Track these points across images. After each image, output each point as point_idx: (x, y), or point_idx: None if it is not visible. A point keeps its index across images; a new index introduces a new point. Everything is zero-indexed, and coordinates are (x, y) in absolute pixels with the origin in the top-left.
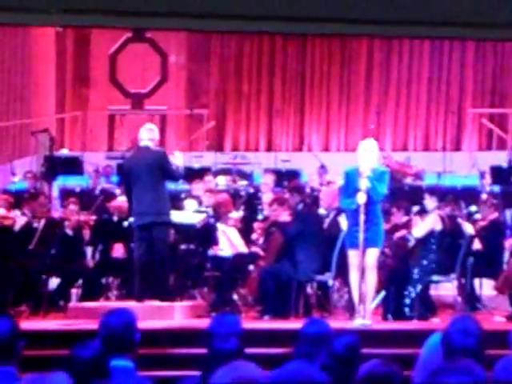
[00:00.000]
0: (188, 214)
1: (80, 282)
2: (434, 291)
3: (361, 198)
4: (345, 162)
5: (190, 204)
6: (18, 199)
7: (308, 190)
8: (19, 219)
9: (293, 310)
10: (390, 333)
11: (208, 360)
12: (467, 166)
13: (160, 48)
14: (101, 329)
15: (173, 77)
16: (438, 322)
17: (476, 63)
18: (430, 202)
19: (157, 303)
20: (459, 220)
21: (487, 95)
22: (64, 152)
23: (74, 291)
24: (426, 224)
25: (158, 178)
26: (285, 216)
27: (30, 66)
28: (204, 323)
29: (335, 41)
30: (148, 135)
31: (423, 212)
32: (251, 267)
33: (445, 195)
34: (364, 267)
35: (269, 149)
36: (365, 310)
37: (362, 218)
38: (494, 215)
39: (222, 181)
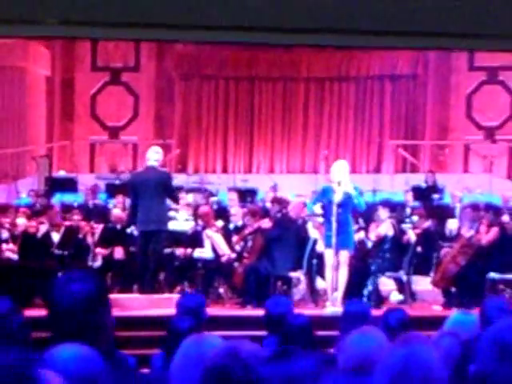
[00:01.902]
0: (180, 223)
1: None
2: None
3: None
4: (286, 182)
5: (180, 215)
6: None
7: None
8: (41, 227)
9: None
10: None
11: (289, 336)
12: (388, 186)
13: (132, 89)
14: (178, 308)
15: (143, 113)
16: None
17: (392, 104)
18: (383, 212)
19: (156, 296)
20: (404, 227)
21: (402, 129)
22: (61, 173)
23: None
24: (381, 229)
25: (162, 194)
26: (266, 223)
27: (25, 104)
28: None
29: (278, 82)
30: (154, 156)
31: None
32: (237, 264)
33: (395, 207)
34: (338, 264)
35: (224, 171)
36: (336, 300)
37: (334, 225)
38: (426, 224)
39: (191, 198)
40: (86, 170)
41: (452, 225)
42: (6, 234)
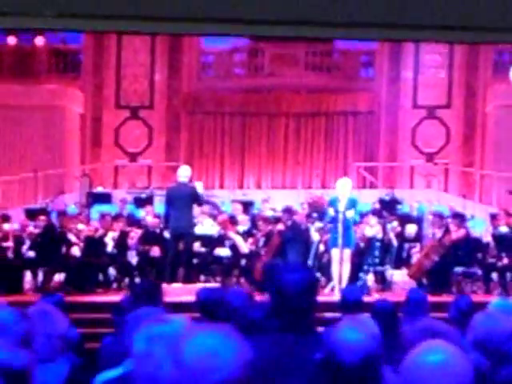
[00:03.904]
0: (207, 228)
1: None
2: None
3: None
4: (272, 195)
5: (206, 221)
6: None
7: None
8: (99, 231)
9: None
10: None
11: (376, 319)
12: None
13: (148, 123)
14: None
15: (156, 141)
16: (378, 297)
17: (354, 134)
18: (372, 218)
19: (179, 285)
20: (388, 231)
21: (362, 154)
22: (99, 189)
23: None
24: (373, 230)
25: (190, 204)
26: (280, 226)
27: (64, 135)
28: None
29: (264, 117)
30: (185, 173)
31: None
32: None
33: (381, 214)
34: (342, 260)
35: (221, 187)
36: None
37: (340, 229)
38: (399, 228)
39: (197, 210)
40: (110, 186)
41: (410, 229)
42: (73, 237)
